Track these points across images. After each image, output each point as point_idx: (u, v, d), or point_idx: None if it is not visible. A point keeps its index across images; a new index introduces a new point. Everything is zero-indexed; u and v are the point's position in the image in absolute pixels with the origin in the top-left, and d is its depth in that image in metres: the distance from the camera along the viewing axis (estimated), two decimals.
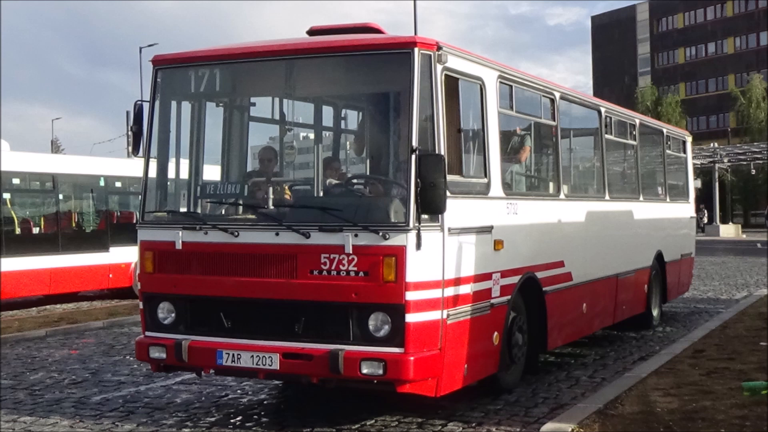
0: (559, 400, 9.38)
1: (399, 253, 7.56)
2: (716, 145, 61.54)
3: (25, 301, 20.26)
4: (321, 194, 8.63)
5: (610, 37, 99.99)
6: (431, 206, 7.49)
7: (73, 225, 20.76)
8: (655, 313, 14.88)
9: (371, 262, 7.63)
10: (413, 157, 7.48)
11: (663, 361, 10.94)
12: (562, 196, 10.79)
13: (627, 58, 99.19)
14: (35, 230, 19.77)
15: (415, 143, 7.51)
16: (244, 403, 9.45)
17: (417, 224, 7.54)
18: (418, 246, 7.58)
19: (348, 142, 9.05)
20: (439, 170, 7.40)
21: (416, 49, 7.68)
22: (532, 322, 9.97)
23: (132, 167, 21.00)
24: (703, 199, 53.32)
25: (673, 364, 10.80)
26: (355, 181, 8.81)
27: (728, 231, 59.19)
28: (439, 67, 7.83)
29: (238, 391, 10.02)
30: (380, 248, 7.60)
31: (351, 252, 7.65)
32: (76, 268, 19.84)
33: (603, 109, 12.43)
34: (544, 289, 10.03)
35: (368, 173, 9.04)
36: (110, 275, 20.74)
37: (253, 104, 9.28)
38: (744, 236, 57.43)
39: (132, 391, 10.12)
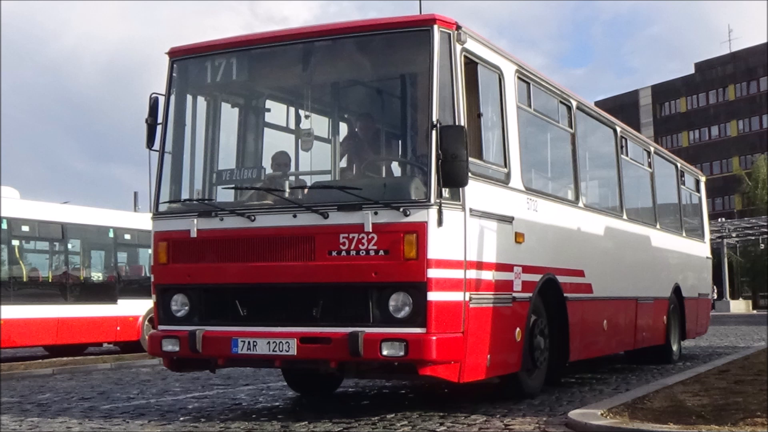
0: (584, 404, 9.04)
1: (420, 229, 7.38)
2: (724, 219, 61.46)
3: (30, 354, 19.94)
4: (339, 174, 8.49)
5: None
6: (453, 178, 7.33)
7: (81, 275, 20.52)
8: (674, 347, 14.56)
9: (392, 239, 7.45)
10: (434, 131, 7.37)
11: (688, 375, 10.65)
12: (581, 204, 10.63)
13: None
14: (42, 279, 19.52)
15: (435, 117, 7.40)
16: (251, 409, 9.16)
17: (438, 200, 7.38)
18: (440, 222, 7.41)
19: (367, 122, 8.92)
20: (460, 141, 7.28)
21: (435, 26, 7.64)
22: (553, 333, 9.72)
23: (141, 220, 20.91)
24: (713, 276, 52.84)
25: (698, 377, 10.50)
26: (374, 159, 8.67)
27: (738, 306, 58.76)
28: (459, 47, 7.79)
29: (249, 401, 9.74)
30: (401, 225, 7.42)
31: (371, 230, 7.47)
32: (83, 319, 19.52)
33: (619, 129, 12.36)
34: (565, 295, 9.81)
35: (388, 150, 8.91)
36: (118, 328, 20.39)
37: (271, 91, 9.19)
38: (755, 312, 56.90)
39: (143, 403, 9.81)
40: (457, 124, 7.53)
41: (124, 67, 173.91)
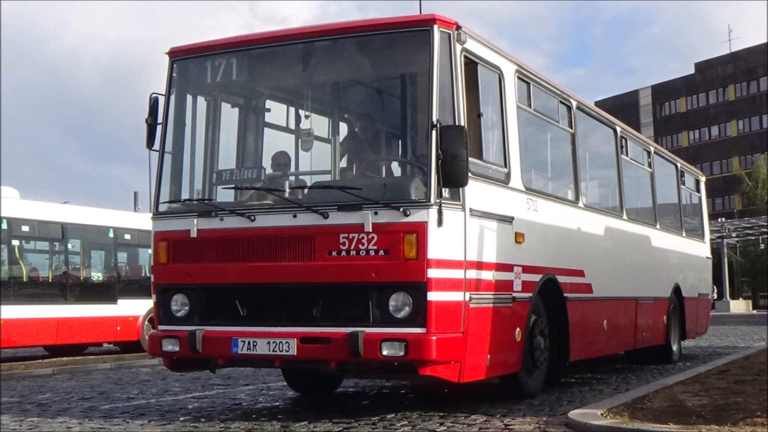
0: (584, 404, 9.03)
1: (420, 229, 7.39)
2: (724, 219, 61.46)
3: (30, 354, 19.94)
4: (339, 174, 8.49)
5: None
6: (453, 178, 7.33)
7: (81, 275, 20.51)
8: (674, 347, 14.56)
9: (392, 239, 7.45)
10: (434, 131, 7.37)
11: (688, 375, 10.65)
12: (581, 204, 10.63)
13: None
14: (42, 279, 19.50)
15: (435, 117, 7.40)
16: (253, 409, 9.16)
17: (438, 200, 7.38)
18: (440, 222, 7.41)
19: (367, 122, 8.92)
20: (460, 141, 7.28)
21: (435, 27, 7.64)
22: (553, 333, 9.72)
23: (141, 220, 20.90)
24: (713, 276, 52.78)
25: (698, 377, 10.50)
26: (374, 159, 8.67)
27: (738, 306, 58.74)
28: (459, 47, 7.79)
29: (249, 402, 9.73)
30: (401, 225, 7.43)
31: (371, 230, 7.47)
32: (83, 319, 19.50)
33: (619, 129, 12.36)
34: (565, 295, 9.81)
35: (388, 150, 8.92)
36: (118, 328, 20.38)
37: (271, 91, 9.19)
38: (755, 312, 56.89)
39: (143, 403, 9.81)
40: (457, 124, 7.54)
41: (124, 67, 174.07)
